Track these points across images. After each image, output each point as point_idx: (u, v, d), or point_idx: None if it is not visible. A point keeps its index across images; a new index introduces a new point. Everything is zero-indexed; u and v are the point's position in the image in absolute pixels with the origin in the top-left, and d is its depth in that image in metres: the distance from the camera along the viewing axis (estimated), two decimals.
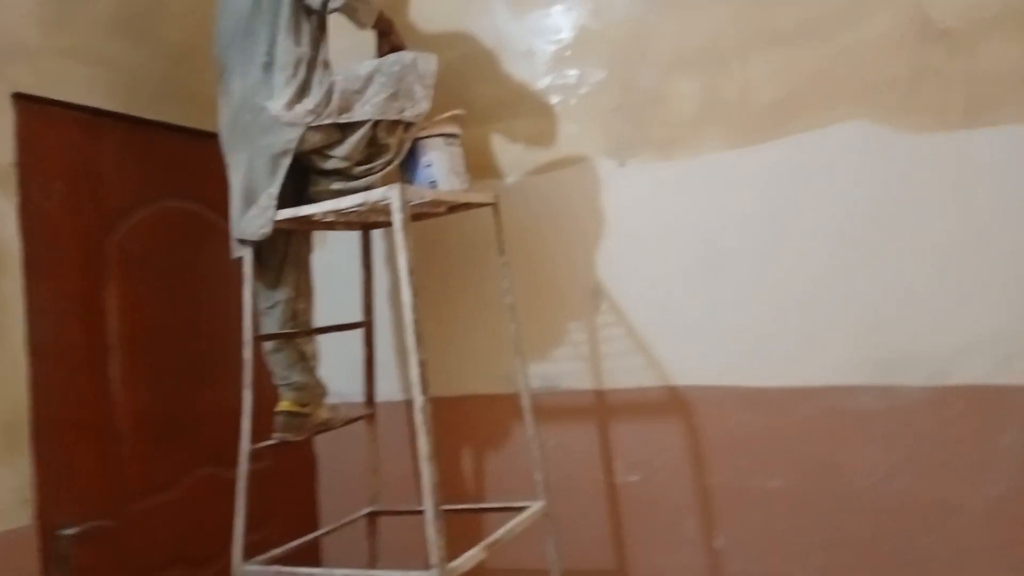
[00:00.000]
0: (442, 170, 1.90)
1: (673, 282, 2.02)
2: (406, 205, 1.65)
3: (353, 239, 2.28)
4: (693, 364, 2.01)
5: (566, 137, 2.16)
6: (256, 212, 1.78)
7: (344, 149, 1.80)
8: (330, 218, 1.86)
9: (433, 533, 1.53)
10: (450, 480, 2.27)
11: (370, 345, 2.24)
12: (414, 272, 1.62)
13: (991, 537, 1.70)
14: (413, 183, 1.91)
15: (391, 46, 1.97)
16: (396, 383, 2.40)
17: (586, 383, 2.14)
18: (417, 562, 2.16)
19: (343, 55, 1.94)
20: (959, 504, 1.72)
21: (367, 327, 2.24)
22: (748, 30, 1.91)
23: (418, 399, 1.58)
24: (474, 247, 2.25)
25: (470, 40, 2.26)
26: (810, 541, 1.87)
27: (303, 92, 1.77)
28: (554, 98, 2.16)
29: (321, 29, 1.86)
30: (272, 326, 1.95)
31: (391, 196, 1.64)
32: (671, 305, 2.02)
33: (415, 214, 1.97)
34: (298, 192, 1.86)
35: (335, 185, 1.85)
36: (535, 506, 1.94)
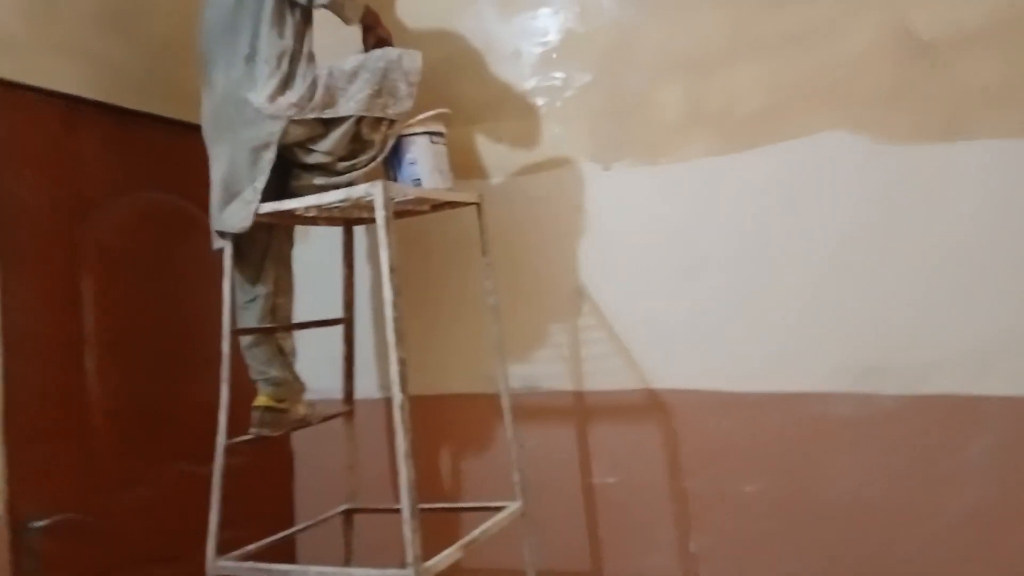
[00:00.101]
0: (426, 168, 1.89)
1: (655, 286, 2.03)
2: (389, 202, 1.64)
3: (335, 235, 2.26)
4: (673, 368, 2.02)
5: (551, 139, 2.16)
6: (239, 205, 1.77)
7: (327, 144, 1.79)
8: (312, 213, 1.86)
9: (409, 532, 1.53)
10: (427, 479, 2.26)
11: (350, 342, 2.23)
12: (396, 269, 1.62)
13: (963, 544, 1.72)
14: (397, 180, 1.91)
15: (377, 39, 1.96)
16: (375, 380, 2.39)
17: (566, 384, 2.15)
18: (393, 560, 2.15)
19: (328, 49, 1.93)
20: (932, 511, 1.75)
21: (347, 323, 2.23)
22: (734, 39, 1.93)
23: (397, 397, 1.58)
24: (457, 246, 2.24)
25: (457, 40, 2.26)
26: (785, 546, 1.89)
27: (286, 85, 1.76)
28: (540, 100, 2.17)
29: (306, 22, 1.84)
30: (251, 321, 1.93)
31: (374, 192, 1.64)
32: (652, 309, 2.03)
33: (398, 211, 1.97)
34: (280, 186, 1.84)
35: (318, 180, 1.83)
36: (512, 506, 1.94)
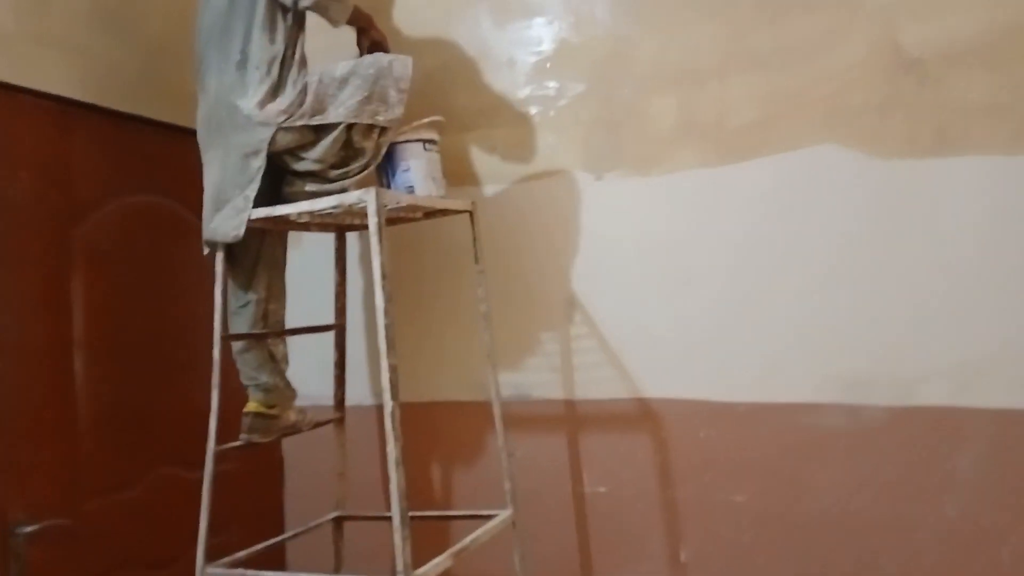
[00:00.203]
0: (419, 175, 1.90)
1: (646, 295, 2.04)
2: (382, 209, 1.64)
3: (328, 241, 2.26)
4: (663, 377, 2.02)
5: (544, 148, 2.17)
6: (230, 213, 1.76)
7: (317, 151, 1.79)
8: (305, 219, 1.85)
9: (399, 539, 1.52)
10: (418, 486, 2.26)
11: (341, 348, 2.23)
12: (388, 276, 1.62)
13: (948, 556, 1.73)
14: (390, 187, 1.91)
15: (371, 42, 1.95)
16: (366, 387, 2.38)
17: (557, 393, 2.15)
18: (383, 568, 2.15)
19: (322, 53, 1.93)
20: (918, 523, 1.76)
21: (339, 330, 2.23)
22: (727, 52, 1.94)
23: (388, 404, 1.57)
24: (449, 254, 2.25)
25: (452, 48, 2.26)
26: (773, 556, 1.89)
27: (276, 91, 1.76)
28: (533, 109, 2.18)
29: (298, 27, 1.83)
30: (242, 326, 1.92)
31: (367, 199, 1.64)
32: (644, 318, 2.04)
33: (391, 218, 1.97)
34: (273, 192, 1.84)
35: (310, 187, 1.83)
36: (502, 515, 1.94)
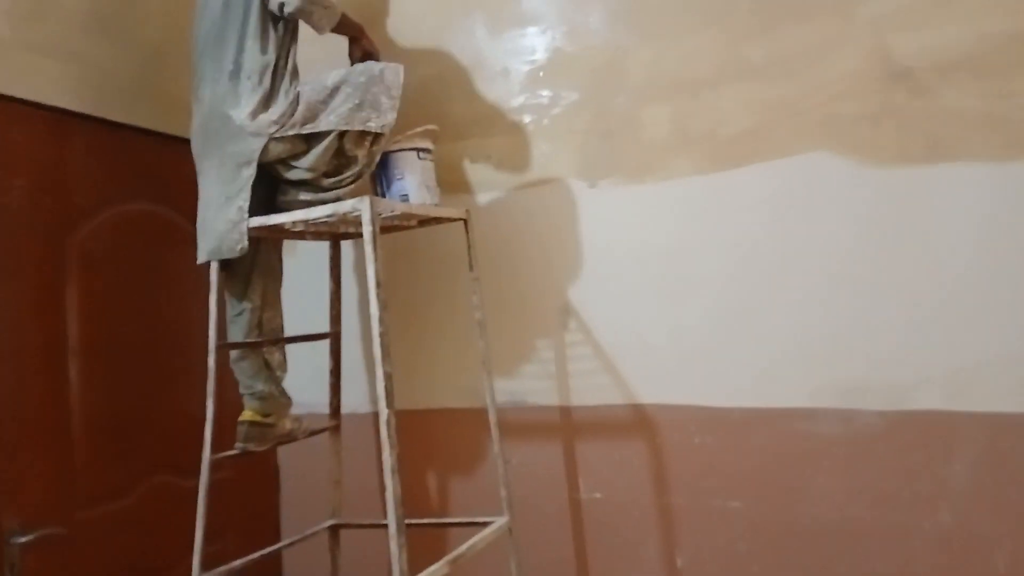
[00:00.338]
0: (414, 184, 1.91)
1: (640, 302, 2.05)
2: (376, 217, 1.65)
3: (322, 249, 2.27)
4: (658, 383, 2.03)
5: (538, 156, 2.18)
6: (226, 226, 1.76)
7: (309, 160, 1.79)
8: (299, 228, 1.86)
9: (396, 547, 1.52)
10: (414, 494, 2.26)
11: (337, 356, 2.23)
12: (383, 284, 1.63)
13: (943, 562, 1.73)
14: (384, 195, 1.92)
15: (363, 51, 1.97)
16: (362, 395, 2.38)
17: (553, 399, 2.15)
18: None
19: (315, 63, 1.94)
20: (913, 528, 1.76)
21: (334, 338, 2.23)
22: (720, 62, 1.95)
23: (384, 412, 1.57)
24: (444, 262, 2.25)
25: (447, 57, 2.27)
26: (769, 563, 1.89)
27: (268, 101, 1.76)
28: (527, 118, 2.19)
29: (290, 37, 1.85)
30: (237, 334, 1.93)
31: (362, 208, 1.65)
32: (639, 325, 2.05)
33: (385, 226, 1.98)
34: (268, 200, 1.85)
35: (305, 195, 1.84)
36: (499, 522, 1.94)
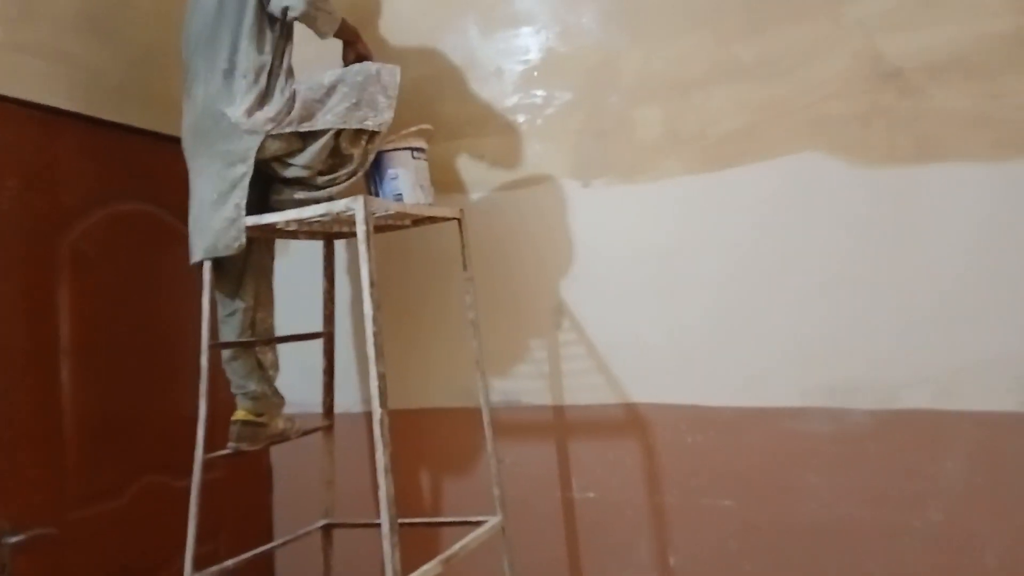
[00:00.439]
0: (408, 183, 1.91)
1: (634, 301, 2.05)
2: (370, 216, 1.65)
3: (315, 249, 2.26)
4: (650, 383, 2.03)
5: (531, 156, 2.18)
6: (223, 224, 1.75)
7: (305, 158, 1.79)
8: (293, 227, 1.86)
9: (389, 547, 1.52)
10: (407, 493, 2.26)
11: (330, 356, 2.23)
12: (376, 284, 1.63)
13: (934, 560, 1.74)
14: (378, 195, 1.92)
15: (357, 55, 1.98)
16: (355, 395, 2.38)
17: (546, 399, 2.15)
18: (372, 575, 2.13)
19: (309, 64, 1.94)
20: (903, 527, 1.77)
21: (327, 338, 2.23)
22: (712, 62, 1.96)
23: (377, 411, 1.57)
24: (437, 261, 2.25)
25: (440, 58, 2.28)
26: (760, 561, 1.90)
27: (264, 99, 1.76)
28: (521, 117, 2.19)
29: (285, 37, 1.85)
30: (230, 334, 1.92)
31: (355, 207, 1.65)
32: (631, 324, 2.05)
33: (379, 226, 1.98)
34: (261, 199, 1.84)
35: (298, 194, 1.84)
36: (492, 521, 1.94)
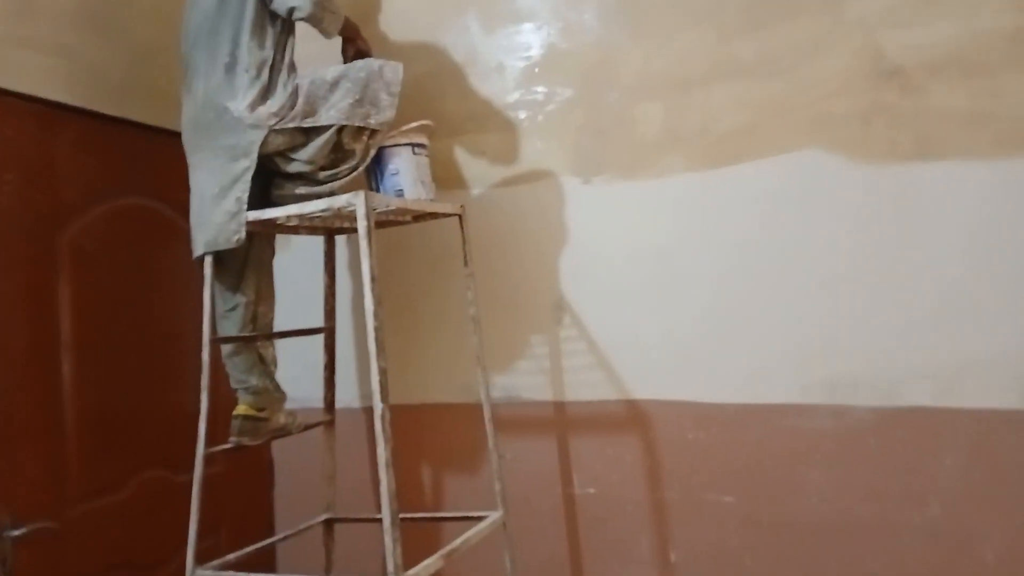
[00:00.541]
0: (409, 179, 1.91)
1: (634, 298, 2.05)
2: (371, 212, 1.65)
3: (316, 244, 2.26)
4: (652, 379, 2.04)
5: (532, 153, 2.18)
6: (224, 218, 1.75)
7: (308, 153, 1.79)
8: (294, 222, 1.86)
9: (390, 541, 1.53)
10: (408, 488, 2.26)
11: (331, 351, 2.23)
12: (377, 279, 1.63)
13: (933, 556, 1.74)
14: (379, 191, 1.92)
15: (356, 51, 1.98)
16: (356, 390, 2.39)
17: (547, 395, 2.16)
18: (374, 570, 2.15)
19: (310, 59, 1.93)
20: (903, 524, 1.77)
21: (328, 333, 2.23)
22: (712, 59, 1.96)
23: (378, 406, 1.58)
24: (438, 257, 2.25)
25: (441, 54, 2.27)
26: (761, 557, 1.91)
27: (267, 94, 1.76)
28: (522, 114, 2.19)
29: (287, 33, 1.84)
30: (231, 329, 1.92)
31: (356, 203, 1.65)
32: (632, 320, 2.05)
33: (380, 221, 1.98)
34: (262, 194, 1.84)
35: (299, 189, 1.83)
36: (493, 516, 1.95)
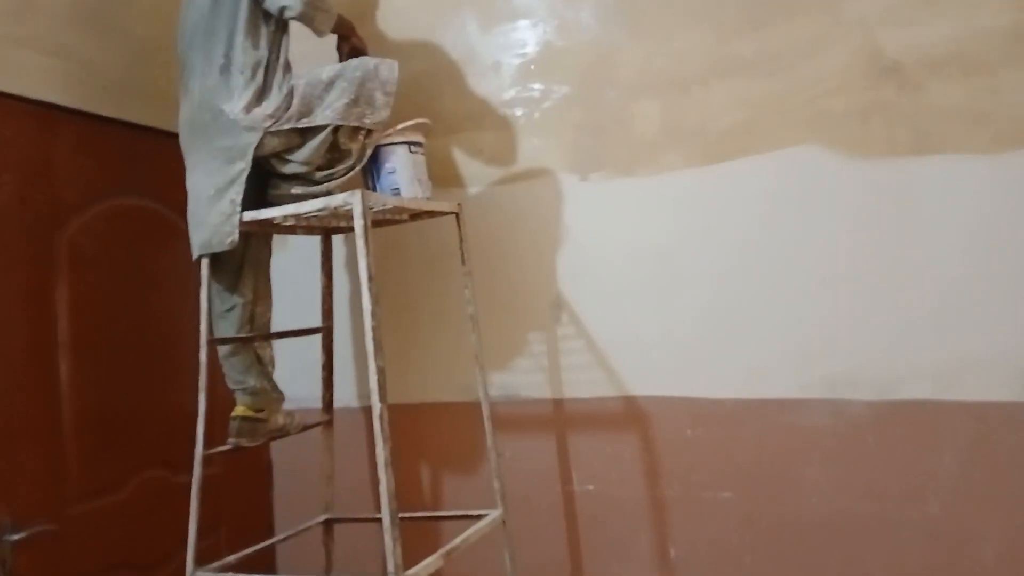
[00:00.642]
0: (405, 178, 1.90)
1: (632, 295, 2.05)
2: (368, 211, 1.65)
3: (314, 244, 2.26)
4: (650, 375, 2.04)
5: (529, 150, 2.18)
6: (219, 219, 1.75)
7: (304, 154, 1.79)
8: (291, 222, 1.86)
9: (390, 541, 1.52)
10: (407, 488, 2.26)
11: (329, 351, 2.23)
12: (374, 279, 1.62)
13: (931, 553, 1.74)
14: (376, 189, 1.91)
15: (351, 48, 1.97)
16: (354, 389, 2.39)
17: (545, 393, 2.16)
18: (374, 570, 2.15)
19: (305, 57, 1.93)
20: (901, 520, 1.77)
21: (326, 333, 2.23)
22: (710, 57, 1.96)
23: (376, 406, 1.57)
24: (436, 256, 2.25)
25: (438, 52, 2.27)
26: (760, 553, 1.91)
27: (262, 95, 1.75)
28: (518, 111, 2.19)
29: (281, 32, 1.84)
30: (229, 329, 1.92)
31: (353, 202, 1.64)
32: (630, 317, 2.05)
33: (377, 220, 1.98)
34: (258, 194, 1.84)
35: (296, 189, 1.83)
36: (492, 514, 1.95)
